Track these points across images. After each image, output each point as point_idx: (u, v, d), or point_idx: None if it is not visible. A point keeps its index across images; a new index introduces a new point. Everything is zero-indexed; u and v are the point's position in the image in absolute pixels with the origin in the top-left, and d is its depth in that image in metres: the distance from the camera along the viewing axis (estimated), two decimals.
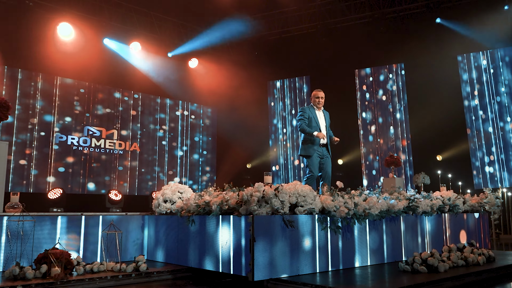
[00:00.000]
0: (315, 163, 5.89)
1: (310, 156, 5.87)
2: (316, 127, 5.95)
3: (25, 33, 10.19)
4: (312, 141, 5.90)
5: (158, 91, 12.89)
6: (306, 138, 5.97)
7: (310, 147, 5.87)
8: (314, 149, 5.86)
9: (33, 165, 10.47)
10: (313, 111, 6.04)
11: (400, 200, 4.85)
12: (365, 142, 13.07)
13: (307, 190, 3.91)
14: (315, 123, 5.96)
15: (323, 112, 6.21)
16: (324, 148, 6.01)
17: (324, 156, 5.99)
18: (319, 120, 6.02)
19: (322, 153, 5.99)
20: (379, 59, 12.99)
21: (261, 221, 3.54)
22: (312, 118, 5.96)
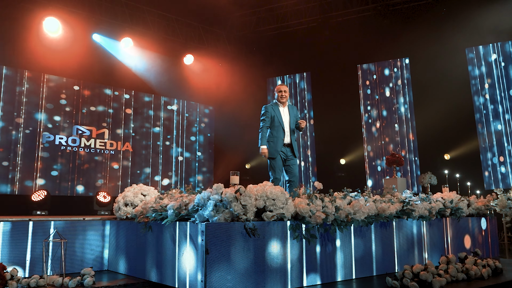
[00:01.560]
0: (279, 165, 5.45)
1: (273, 158, 5.42)
2: (279, 126, 5.49)
3: (10, 28, 9.76)
4: (274, 140, 5.45)
5: (152, 89, 12.40)
6: (269, 138, 5.51)
7: (272, 147, 5.42)
8: (277, 150, 5.41)
9: (18, 166, 10.04)
10: (276, 109, 5.57)
11: (392, 203, 4.26)
12: (369, 141, 12.43)
13: (277, 192, 3.34)
14: (278, 122, 5.50)
15: (288, 107, 5.73)
16: (288, 148, 5.55)
17: (289, 158, 5.54)
18: (283, 118, 5.57)
19: (286, 154, 5.51)
20: (383, 53, 12.35)
21: (216, 230, 2.98)
22: (274, 116, 5.51)
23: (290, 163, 5.55)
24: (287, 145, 5.51)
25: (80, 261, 4.25)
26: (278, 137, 5.44)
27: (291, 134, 5.58)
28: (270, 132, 5.48)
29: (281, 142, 5.42)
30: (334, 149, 12.60)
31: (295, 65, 13.45)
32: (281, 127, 5.47)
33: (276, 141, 5.43)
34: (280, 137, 5.44)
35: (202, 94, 13.36)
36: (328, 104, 12.65)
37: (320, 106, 13.05)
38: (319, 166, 12.91)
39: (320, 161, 12.91)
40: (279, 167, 5.42)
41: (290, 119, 5.62)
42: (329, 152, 12.69)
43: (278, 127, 5.47)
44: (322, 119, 12.92)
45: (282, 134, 5.46)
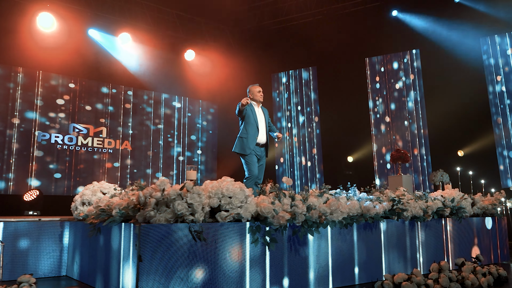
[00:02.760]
0: (254, 161, 5.19)
1: (245, 155, 5.19)
2: (254, 125, 5.28)
3: (2, 24, 9.51)
4: (248, 137, 5.22)
5: (152, 85, 12.06)
6: (242, 133, 5.29)
7: (245, 144, 5.20)
8: (249, 147, 5.17)
9: (12, 165, 9.81)
10: (253, 108, 5.37)
11: (381, 201, 3.75)
12: (378, 137, 11.83)
13: (235, 189, 2.88)
14: (254, 121, 5.30)
15: (262, 109, 5.56)
16: (263, 148, 5.37)
17: (262, 158, 5.36)
18: (258, 117, 5.38)
19: (260, 154, 5.31)
20: (391, 45, 11.73)
21: (155, 233, 2.53)
22: (250, 114, 5.31)
23: (262, 163, 5.37)
24: (262, 145, 5.34)
25: (34, 266, 3.87)
26: (252, 134, 5.24)
27: (266, 135, 5.41)
28: (244, 128, 5.29)
29: (254, 140, 5.22)
30: (341, 146, 12.04)
31: (300, 59, 12.93)
32: (255, 126, 5.29)
33: (249, 138, 5.23)
34: (254, 135, 5.24)
35: (204, 90, 12.96)
36: (334, 99, 12.10)
37: (326, 102, 12.51)
38: (326, 164, 12.37)
39: (327, 159, 12.37)
40: (254, 163, 5.20)
41: (265, 119, 5.46)
42: (336, 150, 12.14)
43: (253, 125, 5.28)
44: (329, 115, 12.37)
45: (256, 133, 5.27)
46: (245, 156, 5.19)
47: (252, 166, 5.15)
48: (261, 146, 5.31)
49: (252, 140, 5.19)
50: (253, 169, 5.15)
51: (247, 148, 5.16)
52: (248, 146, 5.16)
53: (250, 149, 5.15)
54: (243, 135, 5.26)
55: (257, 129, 5.25)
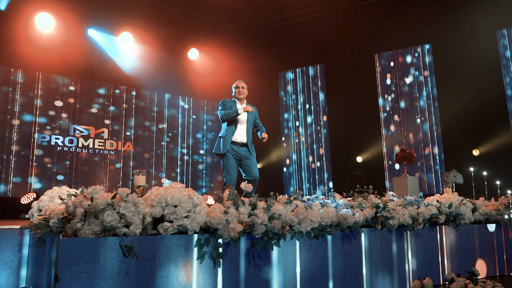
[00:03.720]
0: (232, 164, 4.84)
1: (223, 155, 4.85)
2: (233, 122, 4.97)
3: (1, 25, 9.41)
4: (224, 136, 4.92)
5: (154, 85, 11.82)
6: (221, 132, 5.04)
7: (223, 143, 4.87)
8: (226, 147, 4.83)
9: (12, 168, 9.70)
10: (234, 105, 5.04)
11: (362, 208, 3.34)
12: (388, 136, 11.31)
13: (182, 196, 2.53)
14: (236, 119, 4.98)
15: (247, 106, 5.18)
16: (244, 148, 4.97)
17: (244, 157, 4.94)
18: (241, 115, 5.04)
19: (240, 153, 4.91)
20: (402, 40, 11.20)
21: (75, 249, 2.20)
22: (230, 112, 4.96)
23: (246, 162, 4.97)
24: (241, 144, 4.95)
25: None
26: (229, 133, 4.93)
27: (248, 134, 5.02)
28: (224, 127, 5.02)
29: (230, 138, 4.90)
30: (349, 146, 11.58)
31: (307, 56, 12.52)
32: (234, 124, 4.96)
33: (226, 136, 4.92)
34: (230, 133, 4.92)
35: (208, 90, 12.64)
36: (343, 97, 11.64)
37: (334, 100, 12.06)
38: (334, 165, 11.92)
39: (335, 159, 11.91)
40: (232, 166, 4.86)
41: (247, 117, 5.07)
42: (344, 150, 11.69)
43: (231, 122, 4.97)
44: (337, 113, 11.92)
45: (233, 131, 4.96)
46: (222, 158, 4.88)
47: (229, 169, 4.83)
48: (241, 145, 4.93)
49: (228, 138, 4.88)
50: (231, 173, 4.83)
51: (223, 147, 4.84)
52: (224, 145, 4.85)
53: (226, 148, 4.82)
54: (221, 134, 5.01)
55: (235, 127, 4.94)
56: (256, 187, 4.91)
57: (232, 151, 4.87)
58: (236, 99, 5.11)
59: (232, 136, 4.89)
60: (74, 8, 10.30)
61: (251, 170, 4.96)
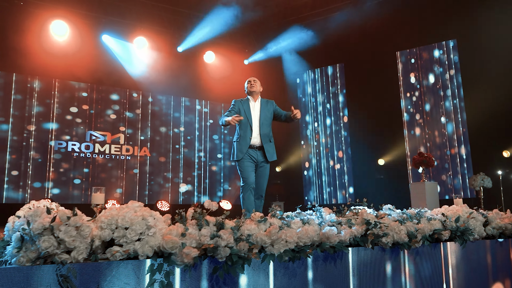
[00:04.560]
0: (248, 169, 4.47)
1: (239, 160, 4.51)
2: (247, 124, 4.57)
3: (17, 35, 9.50)
4: (239, 140, 4.57)
5: (170, 89, 11.74)
6: (235, 137, 4.69)
7: (237, 148, 4.54)
8: (242, 151, 4.49)
9: (29, 174, 9.82)
10: (246, 103, 4.68)
11: (351, 225, 3.02)
12: (411, 137, 10.78)
13: (134, 217, 2.31)
14: (246, 119, 4.58)
15: (262, 103, 4.76)
16: (259, 152, 4.58)
17: (260, 163, 4.59)
18: (252, 114, 4.64)
19: (257, 158, 4.56)
20: (425, 36, 10.64)
21: (11, 277, 2.01)
22: (242, 110, 4.63)
23: (260, 171, 4.62)
24: (257, 147, 4.57)
25: None
26: (244, 136, 4.55)
27: (263, 134, 4.59)
28: (236, 131, 4.66)
29: (246, 142, 4.52)
30: (371, 148, 11.12)
31: (326, 56, 12.13)
32: (248, 125, 4.58)
33: (241, 141, 4.56)
34: (247, 136, 4.54)
35: (226, 93, 12.43)
36: (364, 97, 11.20)
37: (355, 101, 11.62)
38: (355, 168, 11.47)
39: (356, 162, 11.47)
40: (248, 169, 4.49)
41: (261, 115, 4.65)
42: (365, 152, 11.23)
43: (245, 125, 4.58)
44: (358, 114, 11.48)
45: (249, 133, 4.57)
46: (238, 163, 4.52)
47: (245, 172, 4.47)
48: (257, 148, 4.56)
49: (244, 142, 4.52)
50: (247, 176, 4.46)
51: (239, 153, 4.51)
52: (240, 150, 4.51)
53: (243, 153, 4.48)
54: (235, 139, 4.65)
55: (250, 129, 4.55)
56: (262, 204, 4.60)
57: (248, 155, 4.51)
58: (249, 96, 4.73)
59: (247, 139, 4.52)
60: (88, 14, 10.34)
61: (259, 184, 4.59)
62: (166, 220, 2.54)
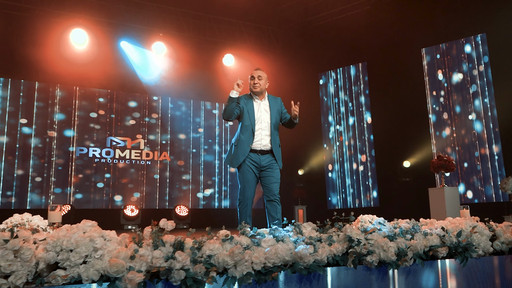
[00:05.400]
0: (248, 179, 3.94)
1: (238, 167, 4.00)
2: (249, 126, 3.98)
3: (38, 44, 9.73)
4: (239, 145, 3.98)
5: (190, 93, 11.73)
6: (234, 138, 4.10)
7: (234, 154, 3.99)
8: (239, 160, 3.93)
9: (52, 180, 10.04)
10: (250, 103, 4.06)
11: (331, 242, 2.78)
12: (438, 137, 10.26)
13: (81, 239, 2.18)
14: (249, 120, 4.00)
15: (269, 100, 4.14)
16: (265, 156, 4.01)
17: (264, 167, 3.99)
18: (256, 113, 4.03)
19: (260, 163, 3.97)
20: (452, 31, 10.10)
21: None
22: (245, 111, 4.01)
23: (266, 174, 3.98)
24: (261, 151, 4.00)
25: None
26: (244, 140, 3.97)
27: (271, 136, 4.03)
28: (237, 134, 4.07)
29: (245, 147, 3.94)
30: (396, 150, 10.66)
31: (349, 55, 11.76)
32: (250, 127, 3.98)
33: (239, 145, 3.98)
34: (247, 141, 3.96)
35: None
36: (388, 97, 10.79)
37: (378, 100, 11.20)
38: (379, 171, 11.04)
39: (380, 164, 11.04)
40: (249, 182, 3.94)
41: (270, 115, 4.07)
42: (390, 154, 10.79)
43: (247, 127, 3.99)
44: (382, 115, 11.04)
45: (250, 137, 3.98)
46: (238, 173, 4.02)
47: (244, 183, 3.94)
48: (262, 153, 4.00)
49: (243, 147, 3.93)
50: (246, 188, 3.93)
51: (234, 160, 3.95)
52: (236, 157, 3.95)
53: (239, 160, 3.92)
54: (234, 142, 4.07)
55: (252, 132, 3.97)
56: (280, 209, 3.97)
57: (249, 162, 3.95)
58: (252, 94, 4.10)
59: (249, 142, 3.96)
60: (106, 21, 10.48)
61: (271, 186, 3.95)
62: (123, 240, 2.40)
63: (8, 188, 9.54)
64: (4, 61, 9.51)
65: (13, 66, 9.57)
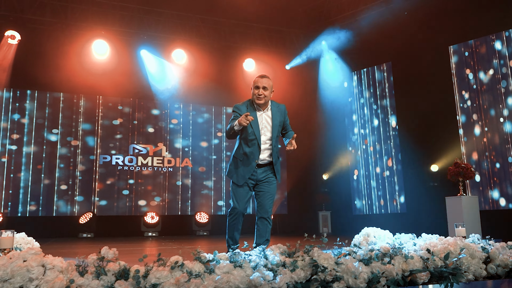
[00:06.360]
0: (241, 193, 3.77)
1: (236, 185, 3.81)
2: (255, 140, 3.73)
3: (62, 57, 10.03)
4: (244, 160, 3.75)
5: (211, 100, 11.73)
6: (237, 152, 3.84)
7: (240, 170, 3.76)
8: (245, 177, 3.72)
9: (77, 188, 10.32)
10: (253, 113, 3.76)
11: (295, 268, 2.61)
12: (468, 140, 9.70)
13: (18, 269, 2.15)
14: (253, 134, 3.73)
15: (272, 110, 3.85)
16: (262, 170, 3.80)
17: (260, 180, 3.80)
18: (260, 126, 3.76)
19: (257, 177, 3.78)
20: (481, 27, 9.52)
21: None
22: (249, 125, 3.71)
23: (262, 188, 3.78)
24: (260, 165, 3.78)
25: None
26: (251, 156, 3.73)
27: (272, 149, 3.81)
28: (240, 147, 3.80)
29: (253, 164, 3.72)
30: (423, 154, 10.18)
31: (372, 55, 11.37)
32: (256, 143, 3.73)
33: (247, 162, 3.74)
34: (254, 156, 3.73)
35: None
36: (414, 98, 10.32)
37: (404, 102, 10.74)
38: (406, 175, 10.58)
39: (407, 168, 10.57)
40: (242, 195, 3.76)
41: (272, 128, 3.80)
42: (417, 158, 10.31)
43: (253, 141, 3.73)
44: (408, 116, 10.58)
45: (256, 152, 3.74)
46: (233, 185, 3.83)
47: (238, 197, 3.76)
48: (260, 167, 3.78)
49: (249, 163, 3.72)
50: (240, 201, 3.75)
51: (241, 177, 3.75)
52: (242, 175, 3.74)
53: (245, 178, 3.73)
54: (237, 155, 3.81)
55: (258, 147, 3.73)
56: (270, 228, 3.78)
57: (250, 179, 3.77)
58: (254, 105, 3.79)
59: (255, 157, 3.73)
60: (126, 31, 10.66)
61: (265, 201, 3.75)
62: (68, 268, 2.35)
63: (35, 196, 9.90)
64: (31, 75, 9.83)
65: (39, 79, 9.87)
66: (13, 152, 9.89)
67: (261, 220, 3.80)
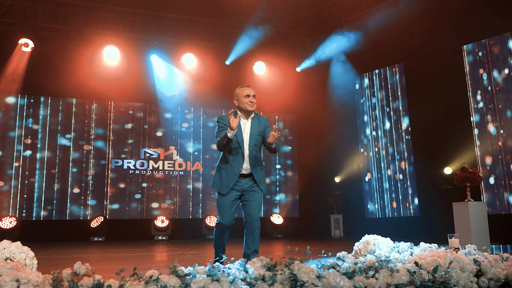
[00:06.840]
0: (226, 204, 3.75)
1: (222, 195, 3.80)
2: (238, 149, 3.79)
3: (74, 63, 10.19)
4: (228, 169, 3.78)
5: (221, 103, 11.73)
6: (221, 162, 3.87)
7: (224, 179, 3.78)
8: (229, 186, 3.74)
9: (89, 192, 10.49)
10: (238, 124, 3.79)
11: (274, 281, 2.58)
12: (483, 143, 9.46)
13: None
14: (237, 142, 3.79)
15: (252, 121, 3.91)
16: (247, 179, 3.81)
17: (246, 190, 3.80)
18: (244, 135, 3.83)
19: (242, 187, 3.79)
20: (495, 26, 9.28)
21: None
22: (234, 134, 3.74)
23: (247, 197, 3.79)
24: (244, 175, 3.80)
25: None
26: (234, 165, 3.78)
27: (254, 159, 3.83)
28: (224, 156, 3.85)
29: (236, 172, 3.75)
30: (436, 156, 9.98)
31: (384, 56, 11.21)
32: (240, 151, 3.78)
33: (231, 170, 3.78)
34: (238, 165, 3.77)
35: (279, 104, 12.10)
36: (427, 100, 10.11)
37: (417, 104, 10.55)
38: (419, 177, 10.38)
39: (420, 172, 10.37)
40: (227, 206, 3.75)
41: (250, 137, 3.85)
42: (430, 160, 10.11)
43: (236, 150, 3.79)
44: (420, 118, 10.38)
45: (240, 161, 3.78)
46: (219, 196, 3.83)
47: (224, 209, 3.75)
48: (244, 177, 3.80)
49: (233, 172, 3.75)
50: (226, 214, 3.74)
51: (224, 186, 3.76)
52: (226, 183, 3.76)
53: (229, 186, 3.74)
54: (221, 165, 3.86)
55: (242, 156, 3.78)
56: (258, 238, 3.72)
57: (234, 189, 3.78)
58: (241, 113, 3.83)
59: (239, 166, 3.77)
60: (136, 37, 10.77)
61: (251, 211, 3.74)
62: (44, 282, 2.37)
63: (49, 200, 10.10)
64: (44, 81, 10.02)
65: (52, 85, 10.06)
66: (27, 157, 10.11)
67: (250, 231, 3.77)
